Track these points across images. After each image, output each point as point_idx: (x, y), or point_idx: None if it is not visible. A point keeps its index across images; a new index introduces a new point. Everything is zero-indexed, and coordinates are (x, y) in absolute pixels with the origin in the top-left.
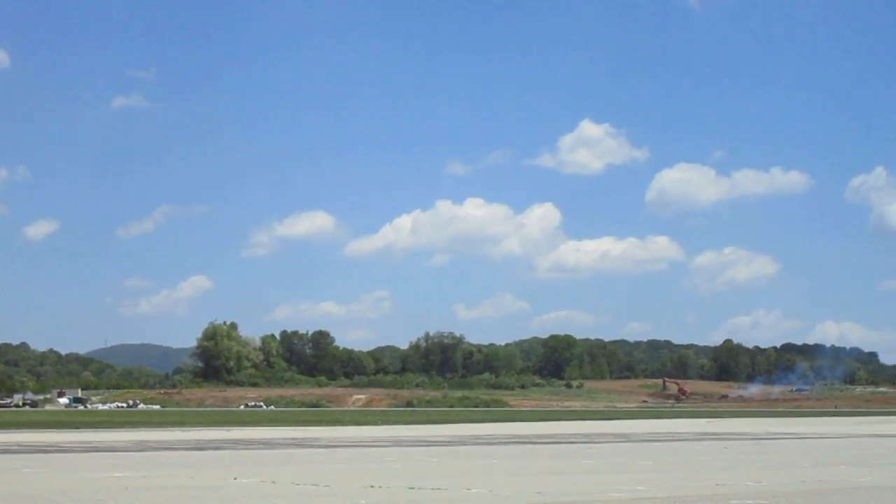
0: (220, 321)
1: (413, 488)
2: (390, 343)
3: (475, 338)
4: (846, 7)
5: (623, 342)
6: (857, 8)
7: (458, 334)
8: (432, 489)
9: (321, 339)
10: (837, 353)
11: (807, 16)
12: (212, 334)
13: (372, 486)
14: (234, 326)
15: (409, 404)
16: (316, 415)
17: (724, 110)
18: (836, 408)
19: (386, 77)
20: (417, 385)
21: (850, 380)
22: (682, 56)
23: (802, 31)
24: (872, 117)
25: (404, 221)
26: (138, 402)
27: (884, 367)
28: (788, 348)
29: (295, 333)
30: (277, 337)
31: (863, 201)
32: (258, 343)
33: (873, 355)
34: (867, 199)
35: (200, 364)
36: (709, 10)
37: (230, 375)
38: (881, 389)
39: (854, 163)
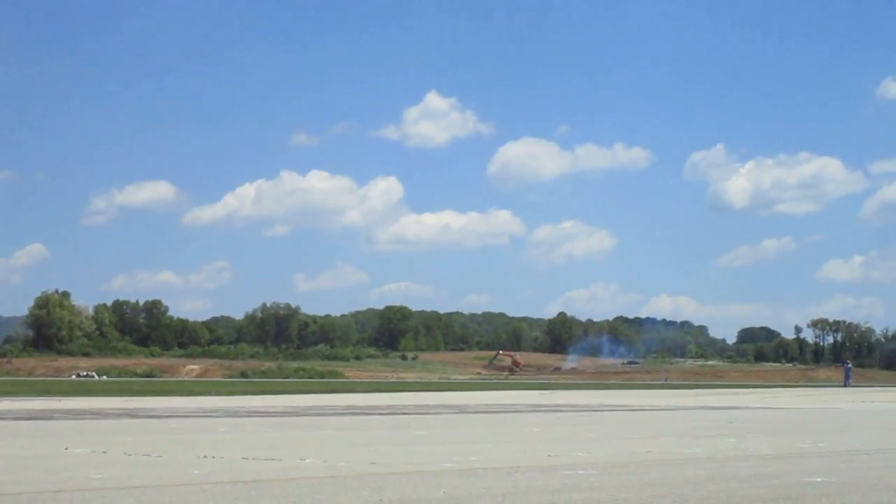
0: (52, 290)
1: (247, 458)
2: (229, 314)
3: (315, 309)
4: None
5: (459, 314)
6: None
7: (293, 305)
8: (266, 459)
9: (154, 309)
10: (668, 326)
11: None
12: (44, 303)
13: (205, 457)
14: (66, 295)
15: (243, 375)
16: (149, 385)
17: (570, 86)
18: (666, 380)
19: (232, 44)
20: (252, 356)
21: (681, 353)
22: (531, 32)
23: (647, 10)
24: (716, 95)
25: (248, 190)
26: None
27: (714, 341)
28: (621, 321)
29: (127, 303)
30: (110, 306)
31: (701, 178)
32: (91, 312)
33: (703, 329)
34: (705, 176)
35: (32, 333)
36: None
37: (62, 345)
38: (710, 362)
39: (696, 140)
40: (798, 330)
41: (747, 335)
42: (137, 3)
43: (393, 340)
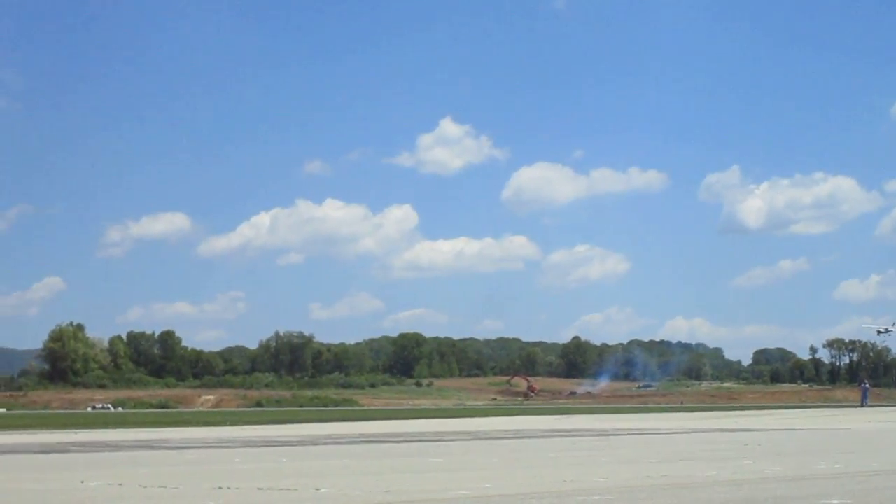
0: (67, 323)
1: (262, 489)
2: (243, 343)
3: (331, 337)
4: (703, 9)
5: (473, 340)
6: (714, 10)
7: (307, 333)
8: (281, 490)
9: (168, 340)
10: (684, 348)
11: (665, 18)
12: (58, 336)
13: (220, 488)
14: (80, 328)
15: (258, 404)
16: (164, 416)
17: (584, 110)
18: (682, 403)
19: (245, 74)
20: (267, 385)
21: (696, 375)
22: (546, 57)
23: (662, 34)
24: (730, 116)
25: (262, 219)
26: None
27: (729, 363)
28: (636, 345)
29: (142, 334)
30: (125, 338)
31: (715, 200)
32: (106, 345)
33: (718, 351)
34: (719, 198)
35: (47, 366)
36: (574, 12)
37: (77, 377)
38: (726, 385)
39: (711, 162)
40: (814, 350)
41: (762, 357)
42: (151, 34)
43: (408, 367)
